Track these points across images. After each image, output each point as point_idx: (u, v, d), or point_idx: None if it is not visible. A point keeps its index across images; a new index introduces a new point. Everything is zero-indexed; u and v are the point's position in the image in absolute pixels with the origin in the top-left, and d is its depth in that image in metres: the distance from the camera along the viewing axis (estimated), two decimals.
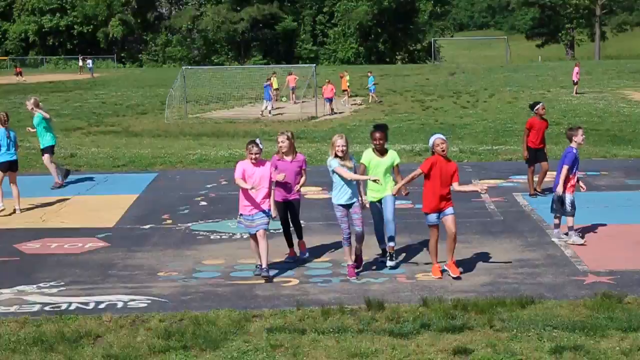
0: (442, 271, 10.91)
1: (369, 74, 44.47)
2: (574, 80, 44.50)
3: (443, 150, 10.74)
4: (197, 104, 43.04)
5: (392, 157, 11.36)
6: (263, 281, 10.80)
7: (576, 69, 44.67)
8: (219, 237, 13.51)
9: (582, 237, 12.43)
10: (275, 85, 43.73)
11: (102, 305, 9.94)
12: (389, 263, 11.32)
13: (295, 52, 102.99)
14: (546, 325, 8.81)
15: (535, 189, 16.21)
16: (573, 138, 12.58)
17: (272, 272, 11.12)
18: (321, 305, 9.62)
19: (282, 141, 11.62)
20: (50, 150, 18.33)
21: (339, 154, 10.80)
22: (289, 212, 11.81)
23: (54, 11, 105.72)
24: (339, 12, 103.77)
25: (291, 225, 11.96)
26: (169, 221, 14.70)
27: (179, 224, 14.43)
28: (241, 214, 11.04)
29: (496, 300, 9.60)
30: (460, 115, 34.87)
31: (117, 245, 12.99)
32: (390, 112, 37.37)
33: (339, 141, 10.83)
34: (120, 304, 9.98)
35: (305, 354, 8.26)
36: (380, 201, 11.35)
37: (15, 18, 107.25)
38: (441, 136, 10.91)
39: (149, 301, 10.08)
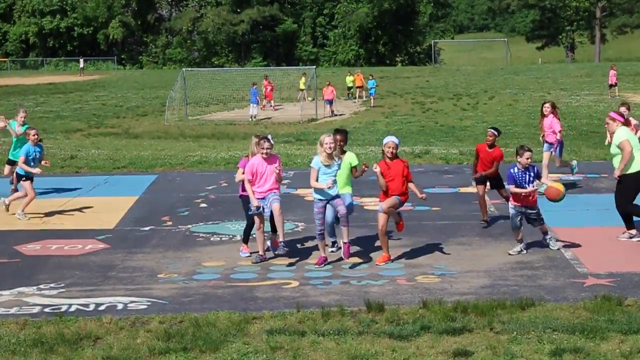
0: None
1: (370, 77, 44.52)
2: (611, 84, 43.47)
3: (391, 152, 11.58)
4: (197, 106, 43.07)
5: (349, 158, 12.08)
6: (263, 283, 10.82)
7: (612, 72, 43.59)
8: (219, 239, 13.51)
9: (525, 250, 12.06)
10: (302, 87, 43.86)
11: (102, 307, 9.93)
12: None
13: (295, 54, 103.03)
14: (546, 327, 8.81)
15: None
16: (517, 157, 12.06)
17: (272, 274, 11.16)
18: (321, 307, 9.61)
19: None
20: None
21: (328, 150, 11.25)
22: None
23: (54, 13, 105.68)
24: (339, 14, 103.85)
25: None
26: (169, 223, 14.69)
27: (179, 226, 14.43)
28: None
29: (496, 302, 9.59)
30: (460, 117, 34.90)
31: (117, 247, 12.98)
32: (390, 114, 37.40)
33: (327, 139, 11.30)
34: (120, 306, 9.97)
35: (305, 356, 8.25)
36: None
37: (16, 19, 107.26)
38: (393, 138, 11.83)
39: (149, 303, 10.08)
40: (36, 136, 15.55)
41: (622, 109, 15.45)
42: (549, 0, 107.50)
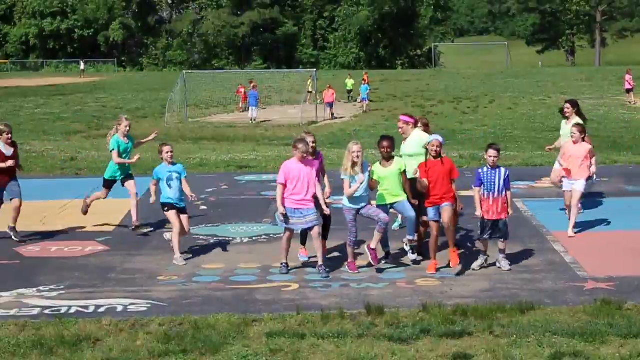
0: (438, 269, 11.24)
1: (363, 82, 44.49)
2: (627, 89, 42.89)
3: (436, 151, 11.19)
4: (198, 108, 43.10)
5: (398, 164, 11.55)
6: (263, 286, 10.82)
7: (628, 76, 43.09)
8: (218, 241, 13.51)
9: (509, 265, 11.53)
10: (310, 89, 43.89)
11: (101, 309, 9.93)
12: (412, 257, 11.65)
13: (295, 56, 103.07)
14: (546, 331, 8.81)
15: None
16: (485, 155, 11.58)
17: (272, 277, 11.18)
18: (321, 310, 9.61)
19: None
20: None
21: (355, 159, 10.96)
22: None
23: (55, 14, 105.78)
24: (339, 17, 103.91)
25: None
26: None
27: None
28: (286, 208, 11.19)
29: (496, 306, 9.60)
30: (460, 120, 34.93)
31: (117, 249, 12.98)
32: (390, 118, 37.40)
33: (354, 147, 11.04)
34: (120, 308, 9.97)
35: (305, 358, 8.25)
36: (389, 205, 11.50)
37: (16, 21, 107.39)
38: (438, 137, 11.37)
39: (149, 305, 10.07)
40: (170, 153, 12.56)
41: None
42: (550, 4, 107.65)
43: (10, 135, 13.52)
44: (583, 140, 13.25)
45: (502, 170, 11.32)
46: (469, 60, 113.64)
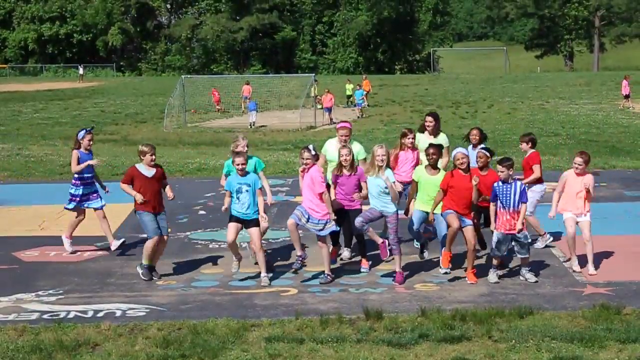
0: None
1: (358, 87, 44.46)
2: (625, 94, 42.47)
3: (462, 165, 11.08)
4: (196, 113, 43.11)
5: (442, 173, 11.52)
6: (262, 290, 10.82)
7: (625, 82, 42.67)
8: (217, 246, 13.51)
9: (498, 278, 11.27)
10: (314, 93, 43.92)
11: (100, 314, 9.93)
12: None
13: (294, 61, 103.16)
14: (545, 336, 8.81)
15: None
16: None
17: (271, 282, 11.20)
18: (320, 314, 9.61)
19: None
20: None
21: (379, 163, 10.91)
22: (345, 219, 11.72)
23: (54, 19, 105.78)
24: (338, 22, 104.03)
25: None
26: (168, 230, 14.64)
27: (178, 233, 14.42)
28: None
29: (495, 310, 9.60)
30: (459, 125, 34.89)
31: (115, 254, 12.97)
32: (388, 122, 37.42)
33: (379, 151, 10.99)
34: (118, 313, 9.97)
35: None
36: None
37: (15, 26, 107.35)
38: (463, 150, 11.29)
39: (148, 310, 10.08)
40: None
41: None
42: (548, 9, 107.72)
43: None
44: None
45: (518, 183, 11.15)
46: (467, 65, 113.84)
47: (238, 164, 11.27)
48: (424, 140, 12.93)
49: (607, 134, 30.71)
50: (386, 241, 11.16)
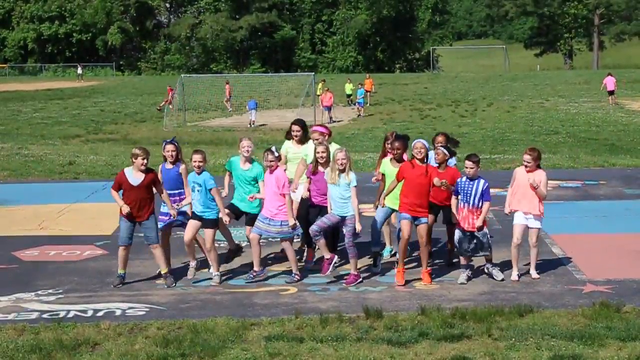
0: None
1: (359, 86, 44.51)
2: (610, 90, 42.88)
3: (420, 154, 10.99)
4: (196, 112, 43.13)
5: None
6: (261, 289, 10.83)
7: (610, 78, 43.06)
8: (217, 245, 13.46)
9: (468, 279, 11.10)
10: (318, 92, 43.97)
11: (100, 313, 9.93)
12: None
13: (294, 60, 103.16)
14: (544, 334, 8.81)
15: None
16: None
17: (271, 281, 11.22)
18: (319, 313, 9.61)
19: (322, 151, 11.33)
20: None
21: (340, 167, 10.84)
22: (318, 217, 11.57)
23: (53, 19, 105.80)
24: (337, 20, 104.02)
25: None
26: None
27: (178, 232, 14.39)
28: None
29: (494, 309, 9.60)
30: (458, 124, 34.95)
31: (115, 253, 12.91)
32: (388, 121, 37.44)
33: (339, 154, 10.91)
34: (118, 312, 9.97)
35: None
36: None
37: (14, 26, 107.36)
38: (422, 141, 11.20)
39: (147, 309, 10.07)
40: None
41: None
42: (548, 7, 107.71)
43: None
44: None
45: (481, 182, 11.01)
46: (467, 64, 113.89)
47: (195, 161, 11.23)
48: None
49: (607, 132, 30.73)
50: (334, 257, 11.04)
